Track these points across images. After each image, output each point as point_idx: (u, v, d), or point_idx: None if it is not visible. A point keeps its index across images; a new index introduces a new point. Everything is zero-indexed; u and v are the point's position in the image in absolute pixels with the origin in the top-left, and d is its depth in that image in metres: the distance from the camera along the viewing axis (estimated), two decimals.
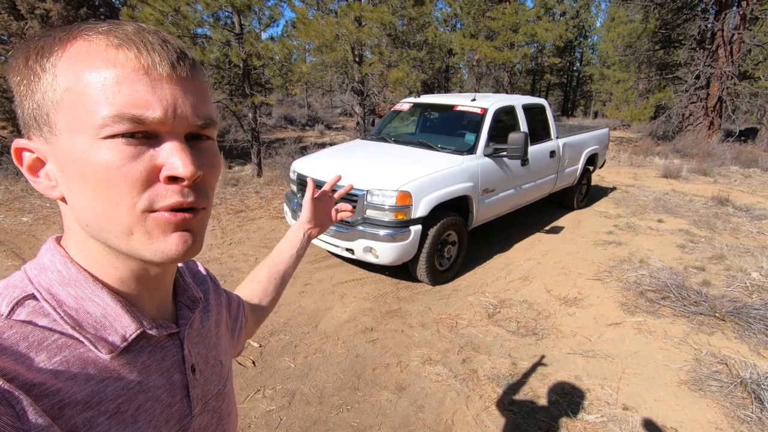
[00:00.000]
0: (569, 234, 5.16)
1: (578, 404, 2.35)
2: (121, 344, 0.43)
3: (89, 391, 0.39)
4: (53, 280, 0.43)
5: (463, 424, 2.19)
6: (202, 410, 0.53)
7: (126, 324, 0.44)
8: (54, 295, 0.42)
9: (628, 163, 10.41)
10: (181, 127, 0.41)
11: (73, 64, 0.38)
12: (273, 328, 2.99)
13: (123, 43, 0.39)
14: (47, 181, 0.43)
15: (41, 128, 0.40)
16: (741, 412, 2.29)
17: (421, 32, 13.62)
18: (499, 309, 3.34)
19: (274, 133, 15.53)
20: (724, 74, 12.04)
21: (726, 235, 5.13)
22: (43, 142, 0.41)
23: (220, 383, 0.58)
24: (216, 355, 0.59)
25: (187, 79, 0.42)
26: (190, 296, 0.57)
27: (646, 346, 2.89)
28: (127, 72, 0.38)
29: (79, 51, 0.38)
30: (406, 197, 3.30)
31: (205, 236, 0.48)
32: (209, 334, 0.59)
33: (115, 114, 0.37)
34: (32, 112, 0.40)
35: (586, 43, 31.18)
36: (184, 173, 0.40)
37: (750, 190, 7.60)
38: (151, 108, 0.39)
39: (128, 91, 0.38)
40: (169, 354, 0.49)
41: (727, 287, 3.71)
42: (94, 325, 0.42)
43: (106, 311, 0.43)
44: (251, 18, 8.40)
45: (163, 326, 0.48)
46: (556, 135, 5.19)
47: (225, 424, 0.59)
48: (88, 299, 0.43)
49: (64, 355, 0.39)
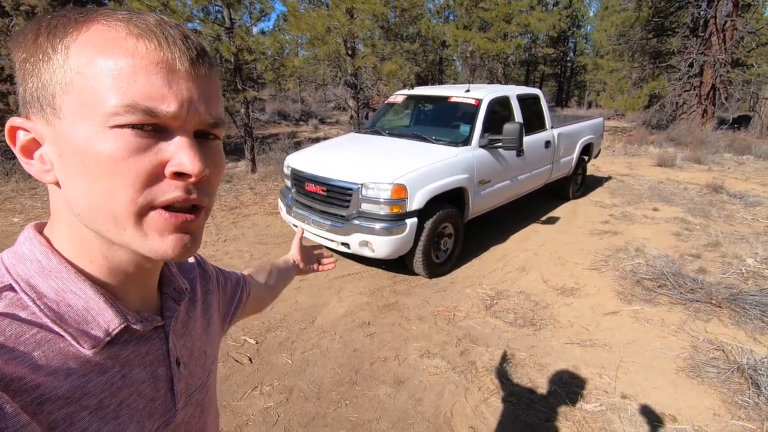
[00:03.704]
0: (565, 224, 5.15)
1: (577, 393, 2.35)
2: (104, 338, 0.42)
3: (70, 386, 0.38)
4: (33, 270, 0.41)
5: (462, 416, 2.19)
6: (186, 404, 0.52)
7: (109, 318, 0.42)
8: (33, 286, 0.40)
9: (623, 152, 10.42)
10: (192, 123, 0.41)
11: (88, 48, 0.37)
12: (269, 324, 2.97)
13: (143, 33, 0.38)
14: (41, 164, 0.41)
15: (43, 109, 0.39)
16: (738, 397, 2.30)
17: (414, 24, 13.51)
18: (496, 300, 3.33)
19: (267, 129, 15.42)
20: (717, 62, 12.05)
21: (721, 222, 5.14)
22: (44, 124, 0.39)
23: (203, 375, 0.57)
24: (201, 346, 0.58)
25: (204, 77, 0.42)
26: (176, 288, 0.56)
27: (643, 335, 2.89)
28: (145, 63, 0.37)
29: (96, 36, 0.37)
30: (402, 190, 3.28)
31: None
32: (195, 325, 0.58)
33: (128, 104, 0.37)
34: (36, 92, 0.39)
35: (579, 32, 31.15)
36: (192, 170, 0.39)
37: (744, 177, 7.63)
38: (166, 102, 0.38)
39: (144, 82, 0.37)
40: (153, 347, 0.48)
41: (723, 274, 3.73)
42: (76, 319, 0.41)
43: (89, 304, 0.41)
44: (242, 12, 8.28)
45: (148, 320, 0.47)
46: (551, 125, 5.17)
47: (206, 416, 0.58)
48: (69, 292, 0.41)
49: (44, 349, 0.38)
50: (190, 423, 0.54)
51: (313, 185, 3.67)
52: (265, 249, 4.27)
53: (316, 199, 3.69)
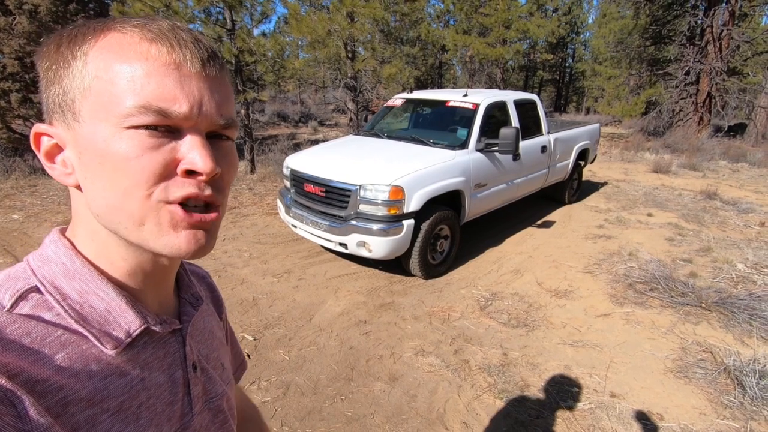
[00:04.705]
0: (560, 228, 5.22)
1: (567, 392, 2.40)
2: (125, 339, 0.43)
3: (92, 388, 0.39)
4: (57, 272, 0.42)
5: (454, 412, 2.24)
6: (203, 409, 0.52)
7: (130, 319, 0.43)
8: (58, 288, 0.42)
9: (620, 158, 10.51)
10: (204, 124, 0.42)
11: (104, 54, 0.39)
12: (267, 322, 3.01)
13: (156, 37, 0.40)
14: (63, 168, 0.43)
15: (64, 114, 0.40)
16: (724, 397, 2.36)
17: (414, 28, 13.62)
18: (491, 302, 3.39)
19: (267, 130, 15.46)
20: (713, 70, 12.17)
21: (713, 228, 5.22)
22: (65, 129, 0.41)
23: (222, 385, 0.58)
24: (217, 357, 0.59)
25: (215, 78, 0.43)
26: (194, 293, 0.57)
27: (633, 336, 2.95)
28: (158, 66, 0.39)
29: (112, 42, 0.39)
30: (399, 192, 3.33)
31: None
32: (211, 336, 0.59)
33: (141, 105, 0.38)
34: (57, 98, 0.41)
35: (578, 39, 31.34)
36: (203, 168, 0.41)
37: (738, 185, 7.72)
38: (177, 102, 0.39)
39: (157, 84, 0.39)
40: (171, 350, 0.49)
41: (713, 278, 3.79)
42: (98, 320, 0.42)
43: (111, 306, 0.43)
44: (243, 14, 8.35)
45: (167, 322, 0.48)
46: (547, 130, 5.24)
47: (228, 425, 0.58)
48: (92, 293, 0.42)
49: (68, 351, 0.39)
50: (209, 429, 0.53)
51: (312, 186, 3.72)
52: (263, 248, 4.32)
53: (315, 200, 3.74)
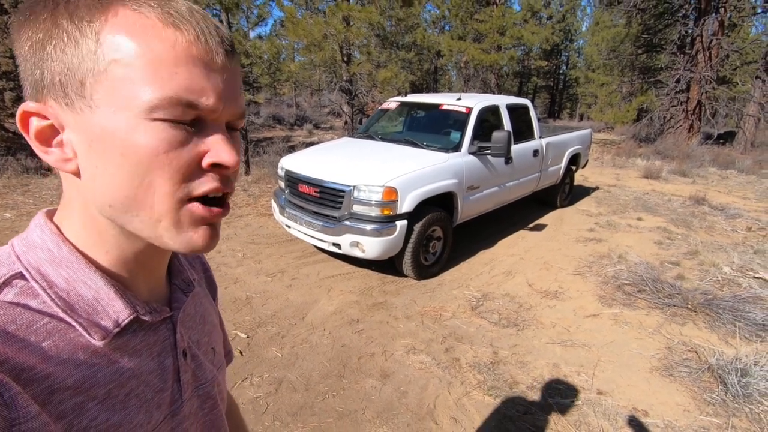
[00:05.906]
0: (552, 231, 5.29)
1: (555, 389, 2.45)
2: (113, 329, 0.41)
3: (79, 377, 0.38)
4: (43, 259, 0.40)
5: (444, 408, 2.27)
6: (192, 395, 0.52)
7: (119, 309, 0.42)
8: (44, 275, 0.40)
9: (611, 164, 10.65)
10: (226, 115, 0.41)
11: (123, 36, 0.35)
12: (260, 320, 3.03)
13: (179, 23, 0.37)
14: (61, 153, 0.39)
15: (67, 94, 0.37)
16: (707, 395, 2.41)
17: (410, 33, 13.74)
18: (482, 302, 3.43)
19: (262, 132, 15.47)
20: (703, 78, 12.39)
21: (701, 232, 5.32)
22: (67, 110, 0.37)
23: (213, 370, 0.57)
24: (209, 341, 0.58)
25: (233, 69, 0.41)
26: (185, 278, 0.56)
27: (621, 336, 3.01)
28: (185, 55, 0.37)
29: (128, 22, 0.36)
30: (392, 193, 3.38)
31: None
32: (203, 320, 0.58)
33: (170, 96, 0.36)
34: (58, 76, 0.36)
35: (572, 46, 31.72)
36: (230, 161, 0.40)
37: (726, 191, 7.86)
38: (205, 95, 0.38)
39: (185, 75, 0.37)
40: (161, 337, 0.48)
41: (700, 281, 3.87)
42: (86, 309, 0.40)
43: (99, 294, 0.41)
44: (239, 16, 8.41)
45: (157, 310, 0.47)
46: (539, 134, 5.32)
47: (218, 410, 0.57)
48: (80, 281, 0.41)
49: (55, 339, 0.38)
50: (197, 415, 0.53)
51: (306, 186, 3.76)
52: (257, 248, 4.34)
53: (309, 200, 3.77)
